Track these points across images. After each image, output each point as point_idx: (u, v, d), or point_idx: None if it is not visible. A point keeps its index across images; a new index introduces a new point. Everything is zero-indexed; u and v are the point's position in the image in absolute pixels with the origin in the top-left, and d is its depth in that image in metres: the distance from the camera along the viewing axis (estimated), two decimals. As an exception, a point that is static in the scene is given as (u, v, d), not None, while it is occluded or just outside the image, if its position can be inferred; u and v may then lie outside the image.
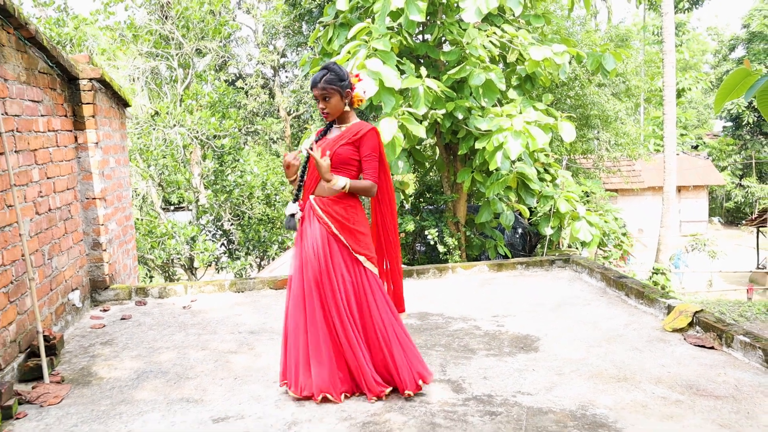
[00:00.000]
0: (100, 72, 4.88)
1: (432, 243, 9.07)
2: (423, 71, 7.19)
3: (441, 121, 7.75)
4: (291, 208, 3.23)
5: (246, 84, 25.37)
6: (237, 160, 12.91)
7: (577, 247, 10.50)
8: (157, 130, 12.42)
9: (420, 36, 8.93)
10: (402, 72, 7.37)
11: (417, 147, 8.78)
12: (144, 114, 12.93)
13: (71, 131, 4.78)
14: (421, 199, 10.26)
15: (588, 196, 14.01)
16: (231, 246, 13.22)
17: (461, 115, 7.59)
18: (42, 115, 4.17)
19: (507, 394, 3.15)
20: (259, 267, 13.52)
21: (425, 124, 7.95)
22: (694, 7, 31.00)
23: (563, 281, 5.56)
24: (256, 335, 4.22)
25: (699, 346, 3.73)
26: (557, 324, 4.30)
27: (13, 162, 3.62)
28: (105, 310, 4.93)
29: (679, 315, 4.05)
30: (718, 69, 34.45)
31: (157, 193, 14.03)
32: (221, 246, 13.12)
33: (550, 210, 8.45)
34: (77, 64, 4.78)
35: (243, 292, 5.45)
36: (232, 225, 13.27)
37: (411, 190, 10.43)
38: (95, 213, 4.96)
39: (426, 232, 8.97)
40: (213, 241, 12.38)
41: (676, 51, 17.80)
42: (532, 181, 7.97)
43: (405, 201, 10.01)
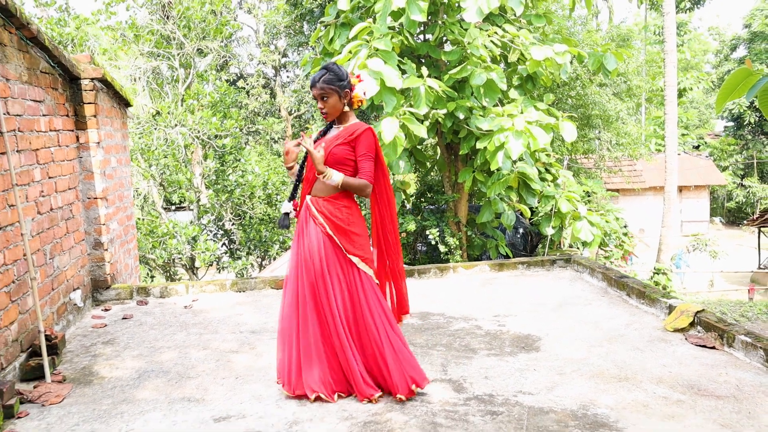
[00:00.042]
0: (101, 72, 4.89)
1: (433, 243, 9.07)
2: (424, 71, 7.18)
3: (442, 121, 7.74)
4: (285, 207, 3.27)
5: (247, 84, 25.39)
6: (238, 159, 12.91)
7: (579, 247, 10.49)
8: (159, 129, 12.43)
9: (421, 36, 8.92)
10: (403, 72, 7.37)
11: (418, 147, 8.78)
12: (145, 114, 12.94)
13: (73, 131, 4.79)
14: (423, 199, 10.26)
15: (589, 196, 13.99)
16: (232, 246, 13.23)
17: (462, 115, 7.58)
18: (44, 115, 4.17)
19: (508, 393, 3.15)
20: (260, 267, 13.53)
21: (426, 123, 7.94)
22: (695, 7, 30.96)
23: (564, 281, 5.56)
24: (257, 335, 4.23)
25: (700, 346, 3.73)
26: (558, 324, 4.30)
27: (15, 161, 3.63)
28: (106, 309, 4.94)
29: (681, 315, 4.04)
30: (719, 69, 34.43)
31: (159, 193, 14.03)
32: (222, 246, 13.13)
33: (551, 210, 8.44)
34: (79, 63, 4.79)
35: (244, 291, 5.46)
36: (233, 225, 13.28)
37: (412, 189, 10.43)
38: (97, 212, 4.97)
39: (427, 231, 8.97)
40: (214, 241, 12.39)
41: (677, 51, 17.76)
42: (533, 181, 7.96)
43: (406, 201, 10.00)
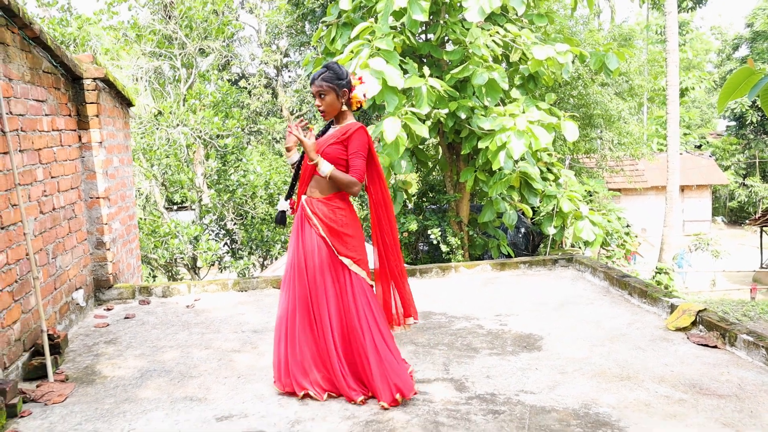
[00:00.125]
0: (103, 71, 4.90)
1: (435, 242, 9.08)
2: (426, 71, 7.19)
3: (444, 121, 7.74)
4: (282, 205, 3.33)
5: (249, 84, 25.40)
6: (240, 159, 12.92)
7: (580, 247, 10.48)
8: (161, 129, 12.44)
9: (423, 35, 8.92)
10: (405, 71, 7.37)
11: (420, 146, 8.78)
12: (147, 113, 12.95)
13: (75, 131, 4.80)
14: (424, 199, 10.26)
15: (591, 195, 14.00)
16: (234, 245, 13.24)
17: (464, 115, 7.58)
18: (46, 115, 4.18)
19: (510, 392, 3.15)
20: (262, 266, 13.54)
21: (428, 123, 7.95)
22: (697, 6, 30.93)
23: (566, 280, 5.56)
24: (259, 334, 4.23)
25: (702, 345, 3.73)
26: (560, 323, 4.30)
27: (18, 161, 3.63)
28: (109, 309, 4.95)
29: (683, 314, 4.04)
30: (721, 68, 34.37)
31: (161, 193, 14.04)
32: (224, 245, 13.14)
33: (553, 209, 8.44)
34: (81, 63, 4.80)
35: (246, 291, 5.46)
36: (235, 224, 13.29)
37: (414, 189, 10.43)
38: (99, 212, 4.98)
39: (429, 231, 8.98)
40: (216, 241, 12.39)
41: (679, 50, 17.77)
42: (535, 181, 7.96)
43: (408, 200, 10.01)
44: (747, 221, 24.22)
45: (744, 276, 19.47)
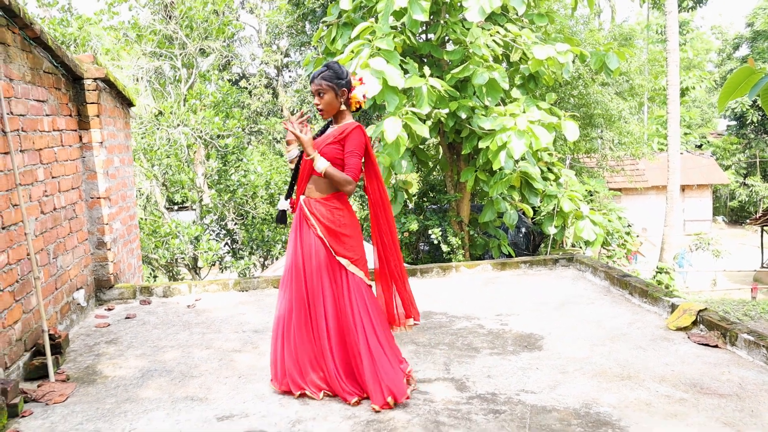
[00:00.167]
0: (104, 72, 4.90)
1: (435, 242, 9.08)
2: (426, 70, 7.19)
3: (444, 121, 7.75)
4: (282, 204, 3.34)
5: (249, 84, 25.43)
6: (240, 159, 12.93)
7: (581, 247, 10.48)
8: (161, 129, 12.45)
9: (423, 35, 8.93)
10: (405, 71, 7.37)
11: (420, 146, 8.79)
12: (148, 114, 12.96)
13: (76, 131, 4.80)
14: (425, 199, 10.26)
15: (591, 195, 13.99)
16: (235, 245, 13.24)
17: (465, 115, 7.59)
18: (47, 115, 4.18)
19: (511, 392, 3.15)
20: (263, 266, 13.55)
21: (429, 123, 7.95)
22: (697, 6, 30.93)
23: (567, 280, 5.56)
24: (260, 334, 4.24)
25: (703, 344, 3.73)
26: (561, 323, 4.30)
27: (19, 161, 3.64)
28: (110, 309, 4.95)
29: (683, 313, 4.04)
30: (722, 68, 34.36)
31: (161, 193, 14.05)
32: (225, 245, 13.15)
33: (553, 209, 8.44)
34: (82, 63, 4.80)
35: (247, 291, 5.47)
36: (235, 224, 13.29)
37: (415, 189, 10.44)
38: (100, 212, 4.98)
39: (429, 231, 8.98)
40: (217, 241, 12.40)
41: (679, 50, 17.76)
42: (535, 181, 7.96)
43: (409, 200, 10.01)
44: (748, 221, 24.20)
45: (745, 275, 19.45)
